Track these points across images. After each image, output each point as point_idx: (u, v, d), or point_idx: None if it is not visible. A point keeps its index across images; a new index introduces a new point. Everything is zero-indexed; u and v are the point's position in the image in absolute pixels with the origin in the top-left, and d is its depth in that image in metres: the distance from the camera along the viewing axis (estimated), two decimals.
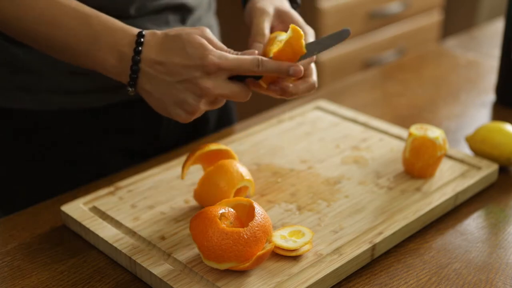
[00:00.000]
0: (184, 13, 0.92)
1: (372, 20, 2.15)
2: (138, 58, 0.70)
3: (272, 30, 0.80)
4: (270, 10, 0.79)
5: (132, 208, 0.78)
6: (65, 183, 0.87)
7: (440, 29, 2.45)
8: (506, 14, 1.06)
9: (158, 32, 0.72)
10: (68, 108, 0.88)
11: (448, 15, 2.71)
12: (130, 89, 0.72)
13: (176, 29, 0.71)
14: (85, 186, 0.86)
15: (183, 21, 0.92)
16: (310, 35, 0.78)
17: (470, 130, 1.00)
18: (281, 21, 0.80)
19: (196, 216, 0.67)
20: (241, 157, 0.89)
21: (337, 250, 0.71)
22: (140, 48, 0.70)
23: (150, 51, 0.70)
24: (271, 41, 0.77)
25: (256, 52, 0.74)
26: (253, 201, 0.69)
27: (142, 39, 0.71)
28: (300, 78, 0.76)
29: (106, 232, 0.74)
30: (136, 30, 0.72)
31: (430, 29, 2.37)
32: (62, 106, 0.88)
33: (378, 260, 0.73)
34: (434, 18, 2.37)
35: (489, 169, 0.85)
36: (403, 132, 0.94)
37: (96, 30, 0.72)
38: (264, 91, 0.75)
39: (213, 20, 1.02)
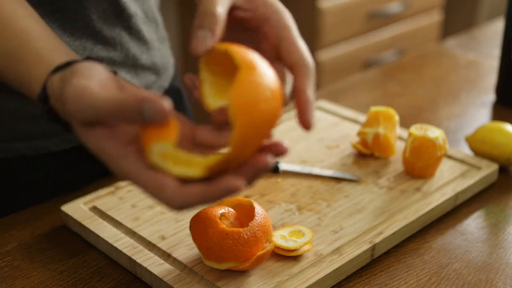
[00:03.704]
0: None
1: (372, 20, 2.15)
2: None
3: (234, 14, 0.56)
4: None
5: (132, 208, 0.78)
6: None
7: (440, 29, 2.45)
8: (506, 14, 1.06)
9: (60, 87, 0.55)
10: (27, 154, 0.84)
11: (448, 15, 2.71)
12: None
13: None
14: (85, 186, 0.86)
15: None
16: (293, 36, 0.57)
17: (470, 130, 1.00)
18: (249, 1, 0.57)
19: (196, 216, 0.67)
20: None
21: (337, 250, 0.71)
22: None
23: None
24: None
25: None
26: (253, 201, 0.69)
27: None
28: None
29: (106, 232, 0.74)
30: (38, 88, 0.57)
31: (430, 29, 2.37)
32: (21, 152, 0.83)
33: (378, 260, 0.73)
34: (434, 18, 2.37)
35: (489, 169, 0.85)
36: (403, 132, 0.94)
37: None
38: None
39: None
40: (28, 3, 0.75)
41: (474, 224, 0.80)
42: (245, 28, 0.58)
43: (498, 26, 1.45)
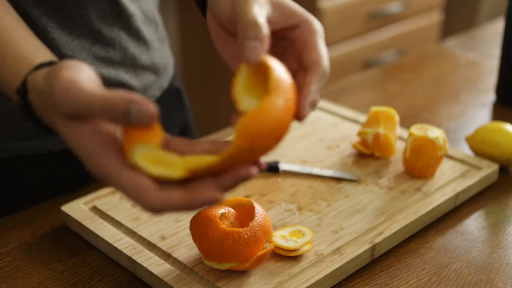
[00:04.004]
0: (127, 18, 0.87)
1: (372, 20, 2.15)
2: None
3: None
4: None
5: (132, 208, 0.78)
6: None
7: (440, 29, 2.45)
8: (506, 14, 1.06)
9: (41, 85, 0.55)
10: (27, 154, 0.83)
11: (448, 15, 2.71)
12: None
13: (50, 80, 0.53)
14: (85, 186, 0.86)
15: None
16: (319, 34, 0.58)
17: (470, 130, 1.00)
18: (280, 13, 0.57)
19: (196, 216, 0.67)
20: None
21: (337, 250, 0.71)
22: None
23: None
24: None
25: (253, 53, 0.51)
26: (253, 201, 0.69)
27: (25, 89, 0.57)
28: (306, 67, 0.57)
29: (106, 232, 0.74)
30: (19, 80, 0.57)
31: (430, 29, 2.37)
32: (21, 152, 0.83)
33: (378, 260, 0.73)
34: (434, 18, 2.37)
35: (489, 169, 0.85)
36: (403, 132, 0.94)
37: None
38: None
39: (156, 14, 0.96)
40: (26, 3, 0.75)
41: (474, 224, 0.80)
42: (275, 37, 0.58)
43: (498, 26, 1.45)
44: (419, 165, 0.83)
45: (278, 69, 0.52)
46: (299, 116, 0.54)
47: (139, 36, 0.90)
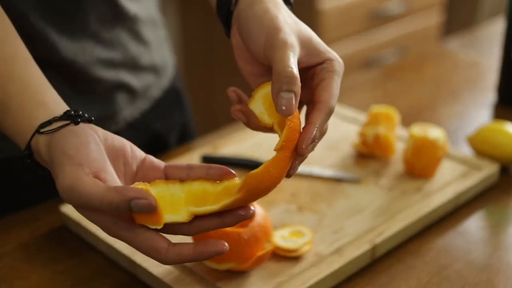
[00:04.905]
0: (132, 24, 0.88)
1: (373, 20, 2.15)
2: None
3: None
4: (294, 41, 0.57)
5: None
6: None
7: (441, 28, 2.45)
8: (507, 14, 1.06)
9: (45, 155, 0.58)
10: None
11: (449, 14, 2.71)
12: None
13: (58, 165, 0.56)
14: None
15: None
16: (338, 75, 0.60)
17: (470, 130, 1.00)
18: (307, 53, 0.59)
19: None
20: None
21: (337, 251, 0.71)
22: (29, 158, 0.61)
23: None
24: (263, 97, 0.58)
25: None
26: None
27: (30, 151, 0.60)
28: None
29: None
30: (28, 137, 0.59)
31: (430, 28, 2.37)
32: (21, 152, 0.83)
33: (378, 260, 0.73)
34: (435, 17, 2.37)
35: (489, 169, 0.85)
36: (403, 132, 0.94)
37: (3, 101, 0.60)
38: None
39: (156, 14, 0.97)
40: (24, 7, 0.75)
41: (475, 224, 0.80)
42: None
43: (498, 26, 1.45)
44: (419, 165, 0.83)
45: (292, 125, 0.54)
46: (299, 151, 0.56)
47: (140, 37, 0.90)
